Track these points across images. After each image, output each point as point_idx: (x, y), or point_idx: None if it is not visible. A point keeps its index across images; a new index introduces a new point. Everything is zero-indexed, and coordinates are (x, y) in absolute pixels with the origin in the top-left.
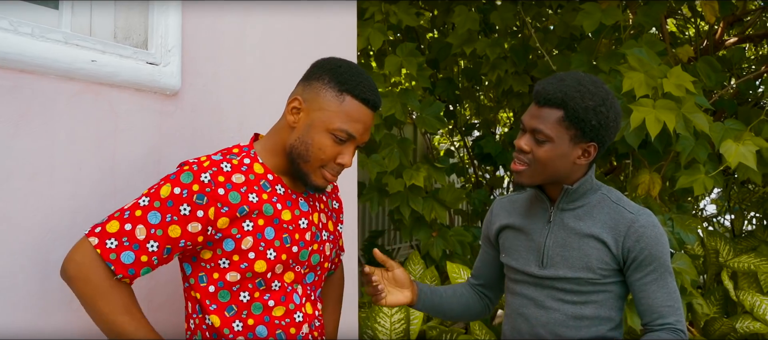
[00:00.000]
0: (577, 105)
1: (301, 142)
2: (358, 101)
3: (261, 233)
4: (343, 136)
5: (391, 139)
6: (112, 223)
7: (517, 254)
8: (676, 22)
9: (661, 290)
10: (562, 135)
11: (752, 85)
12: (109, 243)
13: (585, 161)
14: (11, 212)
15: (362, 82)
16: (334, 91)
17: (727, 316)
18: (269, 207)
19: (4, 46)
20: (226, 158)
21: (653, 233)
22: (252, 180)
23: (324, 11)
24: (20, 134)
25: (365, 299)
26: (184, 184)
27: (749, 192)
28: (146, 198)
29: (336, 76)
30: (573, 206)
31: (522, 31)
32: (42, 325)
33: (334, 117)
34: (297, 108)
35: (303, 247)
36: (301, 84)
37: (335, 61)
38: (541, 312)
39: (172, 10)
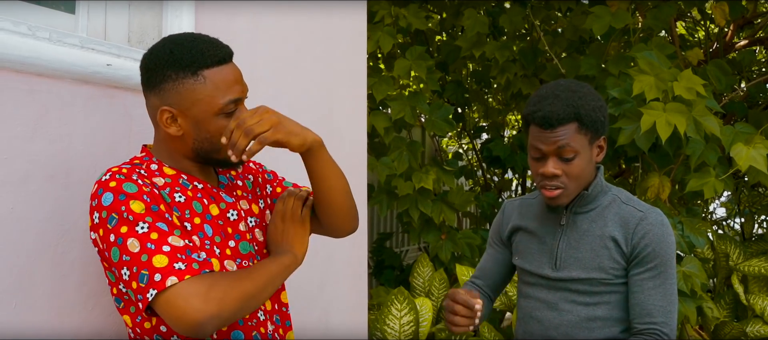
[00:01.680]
0: (587, 110)
1: (201, 142)
2: (216, 67)
3: (202, 232)
4: (232, 107)
5: (400, 142)
6: (158, 258)
7: (531, 256)
8: (686, 25)
9: (656, 288)
10: (583, 143)
11: (763, 88)
12: (178, 266)
13: (601, 156)
14: (28, 213)
15: (202, 49)
16: (189, 77)
17: (738, 320)
18: (198, 204)
19: (23, 51)
20: (135, 165)
21: (660, 231)
22: (169, 182)
23: (334, 13)
24: (37, 137)
25: (374, 301)
26: (137, 192)
27: (759, 195)
28: (140, 224)
29: (177, 63)
30: (586, 209)
31: (531, 34)
32: (58, 325)
33: (212, 98)
34: (171, 117)
35: (239, 239)
36: (152, 93)
37: (158, 51)
38: (554, 314)
39: (185, 14)
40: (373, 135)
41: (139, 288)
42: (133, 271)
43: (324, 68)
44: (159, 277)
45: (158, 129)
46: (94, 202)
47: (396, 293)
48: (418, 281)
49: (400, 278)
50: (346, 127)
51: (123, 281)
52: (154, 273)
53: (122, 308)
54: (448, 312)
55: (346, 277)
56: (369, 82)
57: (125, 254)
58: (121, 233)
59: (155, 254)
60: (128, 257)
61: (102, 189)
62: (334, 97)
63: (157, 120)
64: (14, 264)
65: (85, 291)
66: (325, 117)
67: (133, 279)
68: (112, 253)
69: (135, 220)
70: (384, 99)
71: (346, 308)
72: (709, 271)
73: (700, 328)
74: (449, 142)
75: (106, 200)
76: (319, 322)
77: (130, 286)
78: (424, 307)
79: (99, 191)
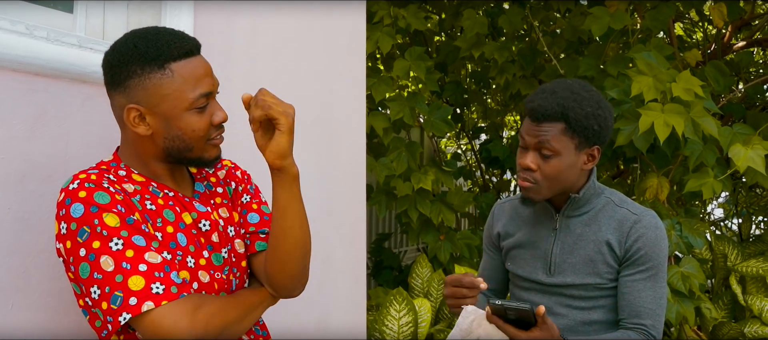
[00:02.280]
0: (577, 114)
1: (172, 139)
2: (183, 60)
3: (175, 241)
4: (203, 101)
5: (399, 142)
6: (134, 279)
7: (524, 261)
8: (684, 26)
9: (647, 290)
10: (568, 146)
11: (760, 89)
12: (156, 288)
13: (591, 165)
14: (26, 213)
15: (167, 41)
16: (156, 71)
17: (736, 320)
18: (170, 212)
19: (21, 50)
20: (103, 170)
21: (654, 234)
22: (139, 189)
23: (334, 13)
24: (35, 137)
25: (373, 301)
26: (109, 202)
27: (757, 196)
28: (114, 240)
29: (142, 57)
30: (579, 213)
31: (530, 34)
32: (56, 325)
33: (181, 93)
34: (139, 116)
35: (212, 250)
36: (117, 91)
37: (121, 46)
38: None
39: (184, 14)
40: (372, 136)
41: (109, 309)
42: (104, 291)
43: (323, 68)
44: (134, 300)
45: (125, 130)
46: (61, 211)
47: (395, 294)
48: (416, 281)
49: (399, 279)
50: (345, 127)
51: (90, 298)
52: (130, 296)
53: (89, 320)
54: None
55: (345, 278)
56: (368, 82)
57: (97, 271)
58: (93, 249)
59: (131, 274)
60: (100, 274)
61: (70, 199)
62: (333, 97)
63: (123, 120)
64: (11, 264)
65: None
66: (324, 117)
67: (104, 299)
68: (81, 268)
69: (109, 235)
70: (383, 100)
71: (344, 308)
72: (707, 271)
73: (698, 328)
74: (448, 143)
75: (75, 212)
76: (318, 323)
77: (100, 305)
78: (422, 307)
79: (67, 200)
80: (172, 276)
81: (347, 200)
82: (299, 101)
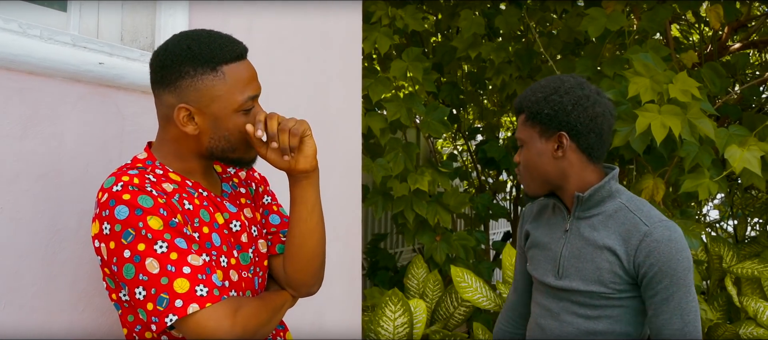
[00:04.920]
0: (530, 101)
1: (218, 140)
2: (234, 63)
3: (210, 242)
4: (250, 104)
5: (396, 143)
6: (179, 282)
7: (538, 263)
8: (681, 27)
9: (672, 311)
10: (532, 134)
11: (756, 91)
12: (200, 291)
13: (563, 153)
14: (19, 213)
15: (220, 44)
16: (209, 73)
17: (731, 322)
18: (205, 212)
19: (13, 49)
20: (141, 170)
21: (667, 248)
22: (176, 189)
23: (329, 13)
24: (28, 136)
25: (368, 302)
26: (153, 206)
27: (753, 198)
28: (159, 242)
29: (196, 59)
30: (589, 215)
31: (526, 35)
32: (49, 326)
33: (232, 95)
34: (189, 115)
35: (241, 250)
36: (167, 90)
37: (174, 47)
38: (556, 324)
39: (179, 13)
40: (368, 136)
41: (155, 310)
42: (150, 292)
43: (319, 68)
44: (180, 303)
45: (169, 128)
46: (104, 212)
47: (390, 295)
48: (412, 282)
49: (395, 280)
50: (341, 127)
51: (134, 299)
52: (176, 298)
53: (120, 315)
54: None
55: (340, 279)
56: (365, 83)
57: (142, 273)
58: (138, 251)
59: (176, 277)
60: (145, 277)
61: (114, 200)
62: (329, 97)
63: (172, 118)
64: (4, 264)
65: (76, 291)
66: (320, 117)
67: (150, 300)
68: (125, 269)
69: (154, 238)
70: (380, 100)
71: (339, 309)
72: (703, 273)
73: None
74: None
75: (120, 214)
76: (313, 324)
77: (145, 306)
78: (418, 308)
79: (111, 202)
80: (213, 278)
81: (343, 200)
82: (294, 101)
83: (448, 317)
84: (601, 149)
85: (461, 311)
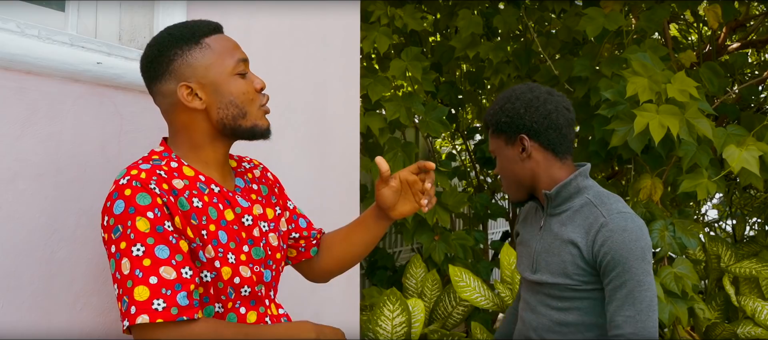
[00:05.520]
0: (490, 116)
1: (225, 106)
2: (214, 35)
3: (217, 239)
4: (243, 67)
5: (395, 142)
6: (140, 289)
7: (521, 258)
8: (679, 27)
9: (623, 299)
10: (499, 144)
11: (755, 90)
12: (156, 304)
13: (527, 154)
14: (17, 212)
15: (195, 22)
16: (195, 48)
17: (729, 321)
18: (213, 210)
19: (11, 48)
20: (155, 164)
21: (620, 238)
22: (188, 185)
23: (328, 13)
24: (26, 135)
25: (367, 301)
26: (148, 205)
27: (751, 198)
28: (138, 245)
29: (179, 40)
30: (558, 211)
31: (525, 35)
32: (47, 325)
33: (222, 60)
34: (191, 91)
35: (253, 245)
36: (163, 80)
37: (155, 41)
38: (533, 316)
39: (177, 12)
40: (367, 136)
41: (121, 310)
42: (119, 291)
43: (317, 68)
44: (134, 310)
45: (176, 117)
46: (107, 203)
47: (388, 294)
48: (410, 281)
49: (393, 279)
50: (339, 126)
51: (115, 292)
52: (132, 304)
53: None
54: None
55: (338, 278)
56: (364, 83)
57: (118, 271)
58: (120, 248)
59: (140, 283)
60: (119, 275)
61: (117, 193)
62: (327, 97)
63: (176, 104)
64: (2, 264)
65: (74, 291)
66: (318, 117)
67: (118, 300)
68: (111, 263)
69: (135, 239)
70: (379, 100)
71: (338, 309)
72: (701, 272)
73: (691, 329)
74: (443, 143)
75: (117, 208)
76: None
77: (118, 303)
78: (416, 308)
79: (114, 194)
80: (178, 297)
81: (341, 199)
82: (293, 101)
83: (447, 317)
84: (563, 144)
85: (459, 311)
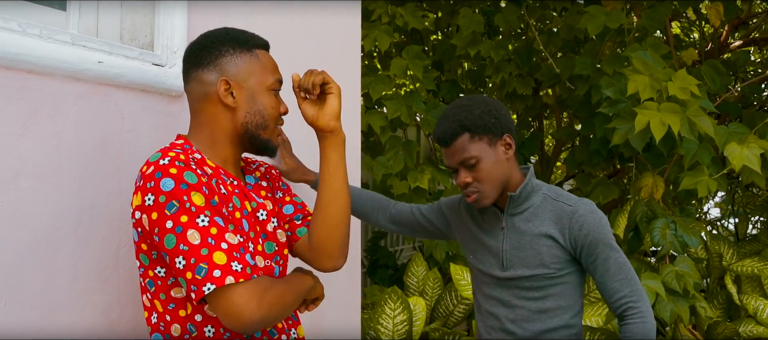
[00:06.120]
0: (471, 119)
1: (253, 114)
2: (264, 50)
3: (241, 227)
4: (278, 86)
5: (396, 141)
6: (218, 254)
7: (483, 257)
8: (681, 25)
9: (611, 268)
10: (482, 147)
11: (757, 88)
12: (235, 266)
13: (511, 152)
14: (18, 210)
15: (251, 33)
16: (246, 53)
17: (731, 320)
18: (237, 199)
19: (13, 48)
20: (185, 151)
21: (593, 219)
22: (211, 174)
23: (329, 12)
24: (28, 134)
25: (369, 300)
26: (196, 183)
27: (753, 196)
28: (201, 216)
29: (235, 41)
30: (520, 210)
31: (526, 33)
32: (49, 324)
33: (265, 73)
34: (228, 89)
35: (266, 239)
36: (208, 69)
37: (212, 33)
38: (508, 310)
39: (177, 12)
40: (369, 134)
41: (194, 279)
42: (190, 262)
43: (318, 67)
44: (218, 273)
45: (205, 109)
46: (149, 183)
47: (390, 293)
48: (412, 280)
49: (395, 277)
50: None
51: (175, 268)
52: (214, 268)
53: (153, 293)
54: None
55: (340, 276)
56: (365, 81)
57: (183, 243)
58: (180, 222)
59: (215, 249)
60: (186, 246)
61: (161, 173)
62: None
63: (210, 96)
64: (4, 262)
65: (76, 289)
66: None
67: (189, 269)
68: (166, 239)
69: (196, 211)
70: (380, 98)
71: (339, 307)
72: (703, 271)
73: (693, 327)
74: None
75: (165, 186)
76: (312, 321)
77: (184, 275)
78: (417, 306)
79: (157, 173)
80: (247, 257)
81: None
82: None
83: (448, 315)
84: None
85: (461, 309)
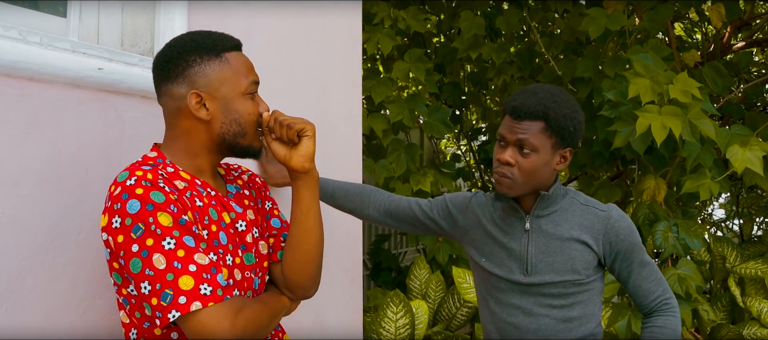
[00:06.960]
0: (557, 114)
1: (229, 124)
2: (234, 52)
3: (217, 240)
4: (254, 88)
5: (398, 144)
6: (184, 279)
7: (500, 261)
8: (683, 26)
9: (645, 271)
10: (545, 144)
11: (760, 90)
12: (204, 289)
13: (562, 166)
14: (20, 216)
15: (219, 35)
16: (214, 60)
17: (734, 322)
18: (213, 211)
19: (14, 55)
20: (154, 166)
21: (626, 224)
22: (187, 186)
23: (329, 14)
24: (29, 141)
25: (371, 303)
26: (164, 202)
27: (758, 197)
28: (167, 239)
29: (201, 48)
30: (547, 212)
31: (528, 35)
32: (50, 328)
33: (237, 78)
34: (200, 101)
35: (245, 250)
36: (177, 82)
37: (177, 43)
38: (531, 320)
39: (177, 17)
40: (371, 137)
41: (159, 306)
42: (155, 287)
43: (319, 69)
44: (184, 300)
45: (178, 122)
46: (116, 205)
47: (392, 296)
48: (414, 283)
49: (398, 280)
50: (342, 128)
51: (140, 293)
52: (179, 295)
53: (128, 311)
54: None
55: (341, 280)
56: (368, 84)
57: (148, 268)
58: (146, 246)
59: (182, 274)
60: (152, 271)
61: (127, 194)
62: (330, 98)
63: (182, 110)
64: (5, 268)
65: (77, 294)
66: (320, 118)
67: (154, 296)
68: (132, 264)
69: (162, 234)
70: (382, 101)
71: (340, 310)
72: (706, 273)
73: (696, 330)
74: (448, 144)
75: (131, 208)
76: (314, 325)
77: (149, 301)
78: (420, 309)
79: (123, 195)
80: (218, 278)
81: None
82: (294, 103)
83: (451, 318)
84: None
85: (463, 312)
